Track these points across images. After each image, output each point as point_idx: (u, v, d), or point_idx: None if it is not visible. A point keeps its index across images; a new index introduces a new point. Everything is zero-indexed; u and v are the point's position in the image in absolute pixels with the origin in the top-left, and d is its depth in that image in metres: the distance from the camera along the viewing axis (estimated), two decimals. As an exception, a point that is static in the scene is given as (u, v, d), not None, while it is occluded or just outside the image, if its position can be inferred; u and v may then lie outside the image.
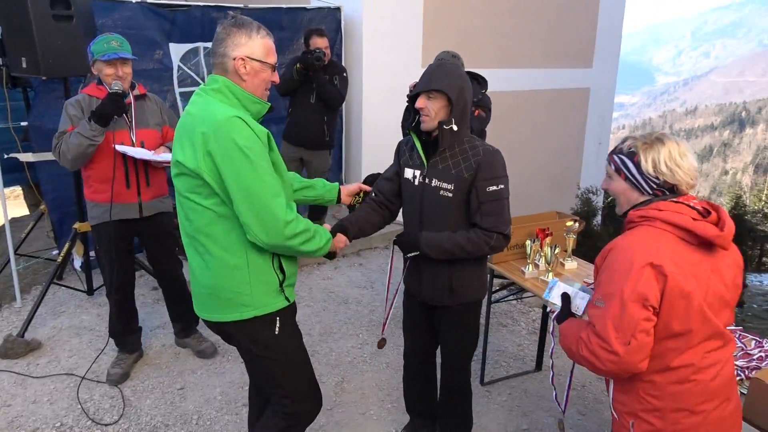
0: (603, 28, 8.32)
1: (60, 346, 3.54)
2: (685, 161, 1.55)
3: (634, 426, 1.59)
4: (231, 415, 2.96)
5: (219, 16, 4.98)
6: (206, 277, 1.86)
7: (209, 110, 1.74)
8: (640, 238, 1.52)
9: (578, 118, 8.61)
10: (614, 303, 1.47)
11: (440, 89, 2.06)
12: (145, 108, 3.04)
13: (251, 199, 1.69)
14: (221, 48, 1.80)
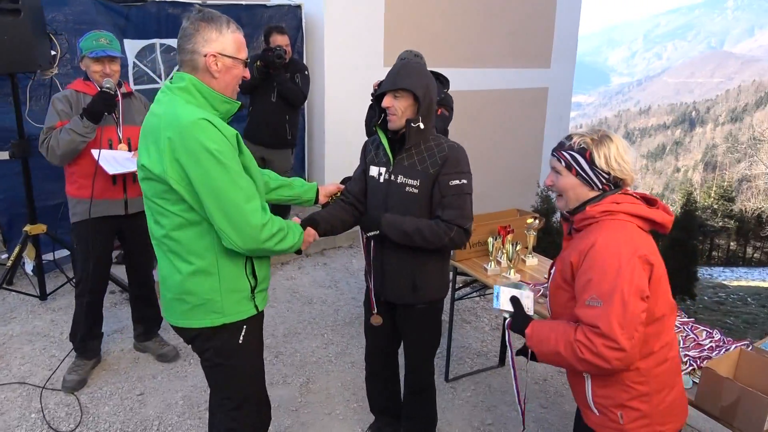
0: (560, 29, 8.50)
1: (11, 354, 3.39)
2: (628, 156, 1.62)
3: (623, 416, 1.59)
4: (194, 419, 2.90)
5: (176, 12, 4.87)
6: (176, 283, 1.79)
7: (175, 112, 1.65)
8: (617, 233, 1.54)
9: (537, 118, 8.78)
10: (615, 301, 1.46)
11: (406, 88, 2.07)
12: (131, 106, 3.03)
13: (224, 205, 1.63)
14: (189, 44, 1.70)
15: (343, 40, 5.89)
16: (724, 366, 1.93)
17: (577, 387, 1.71)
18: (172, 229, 1.74)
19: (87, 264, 3.01)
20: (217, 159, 1.61)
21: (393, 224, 2.12)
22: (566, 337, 1.53)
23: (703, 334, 2.33)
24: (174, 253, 1.77)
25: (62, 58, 3.76)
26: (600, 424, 1.65)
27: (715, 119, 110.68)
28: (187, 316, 1.83)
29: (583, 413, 1.73)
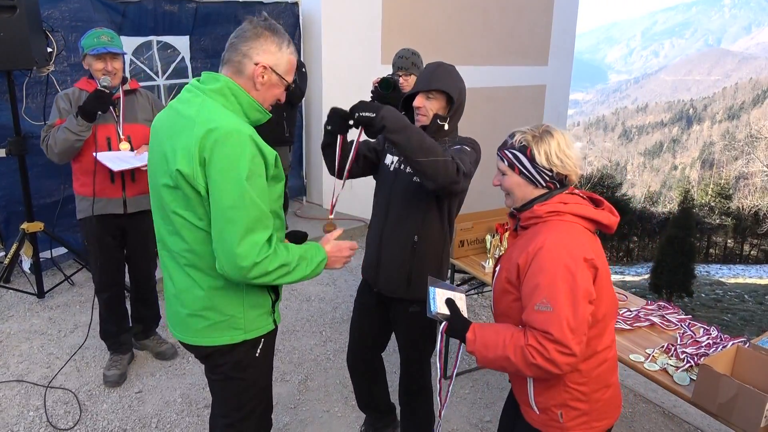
0: (558, 27, 8.50)
1: (9, 352, 3.39)
2: (572, 151, 1.59)
3: (563, 415, 1.62)
4: (192, 417, 2.90)
5: (172, 9, 4.86)
6: (197, 298, 1.70)
7: (211, 117, 1.56)
8: (564, 236, 1.53)
9: (535, 115, 8.78)
10: (565, 305, 1.45)
11: (442, 89, 2.07)
12: (134, 103, 2.99)
13: (223, 225, 1.52)
14: (244, 47, 1.63)
15: (341, 37, 5.88)
16: (722, 363, 1.94)
17: (519, 387, 1.72)
18: (198, 244, 1.64)
19: (98, 261, 3.03)
20: (241, 179, 1.51)
21: (395, 114, 1.89)
22: (515, 341, 1.50)
23: (701, 331, 2.34)
24: (195, 268, 1.68)
25: (58, 56, 3.75)
26: (541, 423, 1.67)
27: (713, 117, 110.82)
28: (205, 334, 1.74)
29: (523, 411, 1.74)
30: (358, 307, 2.51)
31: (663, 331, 2.36)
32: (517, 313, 1.60)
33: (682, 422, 3.09)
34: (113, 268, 3.09)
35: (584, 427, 1.62)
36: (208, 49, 5.17)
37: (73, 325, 3.72)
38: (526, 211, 1.64)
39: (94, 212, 2.91)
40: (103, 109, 2.79)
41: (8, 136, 3.67)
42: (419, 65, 3.39)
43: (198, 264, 1.67)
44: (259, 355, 1.82)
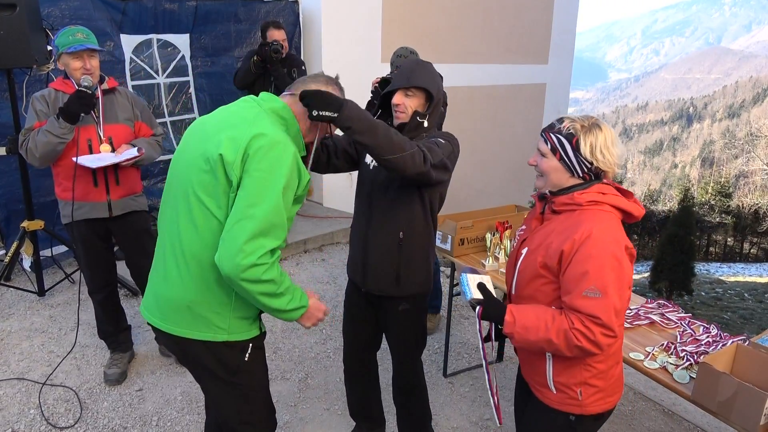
0: (558, 25, 8.50)
1: (9, 350, 3.39)
2: (615, 149, 1.60)
3: (582, 393, 1.67)
4: (192, 415, 2.90)
5: (172, 8, 4.85)
6: (183, 289, 1.70)
7: (266, 126, 1.64)
8: (607, 225, 1.57)
9: (535, 113, 8.78)
10: (613, 292, 1.51)
11: (421, 86, 2.08)
12: (114, 102, 2.89)
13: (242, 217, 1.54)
14: (312, 84, 1.81)
15: (341, 35, 5.88)
16: (721, 361, 1.94)
17: (537, 368, 1.74)
18: (208, 232, 1.65)
19: (88, 264, 3.00)
20: (278, 184, 1.57)
21: (359, 111, 1.82)
22: (558, 325, 1.53)
23: (700, 329, 2.34)
24: (196, 259, 1.68)
25: (59, 54, 3.75)
26: (558, 402, 1.70)
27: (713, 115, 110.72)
28: (185, 325, 1.73)
29: (537, 392, 1.76)
30: (348, 313, 2.48)
31: (663, 329, 2.37)
32: (545, 297, 1.64)
33: (682, 420, 3.09)
34: (103, 270, 3.06)
35: (600, 403, 1.68)
36: (208, 47, 5.16)
37: (73, 323, 3.72)
38: (563, 196, 1.64)
39: (76, 218, 2.85)
40: (86, 110, 2.69)
41: (8, 135, 3.67)
42: None
43: (200, 255, 1.67)
44: (249, 360, 1.80)
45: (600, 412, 1.69)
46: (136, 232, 3.06)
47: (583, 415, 1.68)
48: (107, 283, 3.10)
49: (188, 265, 1.69)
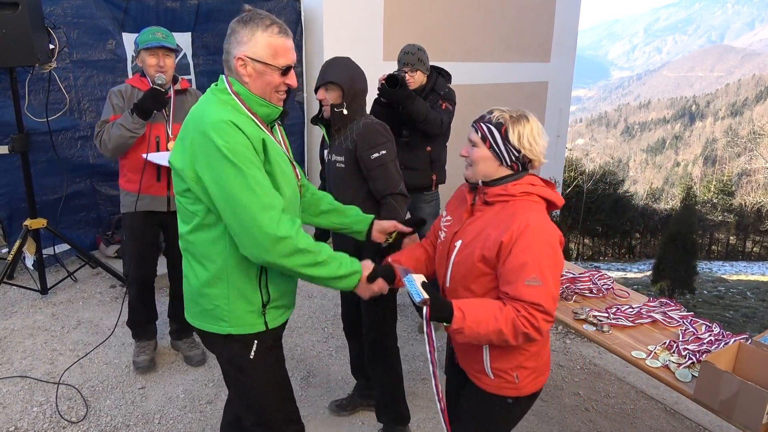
0: (560, 23, 8.48)
1: (12, 348, 3.40)
2: (541, 140, 1.68)
3: (518, 376, 1.74)
4: (195, 413, 2.91)
5: (174, 6, 4.85)
6: (191, 284, 1.77)
7: (203, 111, 1.62)
8: (542, 216, 1.64)
9: (537, 112, 8.65)
10: (550, 280, 1.58)
11: (334, 81, 2.36)
12: (184, 102, 3.01)
13: (238, 210, 1.55)
14: (226, 44, 1.67)
15: (343, 34, 5.87)
16: (723, 359, 1.94)
17: (474, 356, 1.78)
18: (190, 231, 1.71)
19: (135, 256, 3.09)
20: (231, 162, 1.54)
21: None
22: (507, 315, 1.56)
23: (703, 327, 2.34)
24: (191, 254, 1.75)
25: (61, 52, 3.75)
26: (495, 386, 1.76)
27: (715, 113, 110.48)
28: (198, 317, 1.79)
29: (475, 380, 1.81)
30: None
31: (665, 327, 2.37)
32: (482, 288, 1.69)
33: (684, 419, 3.09)
34: (148, 262, 3.15)
35: (534, 383, 1.78)
36: (210, 45, 5.16)
37: (76, 321, 3.73)
38: (496, 187, 1.69)
39: (138, 209, 2.97)
40: (159, 108, 2.83)
41: (11, 133, 3.68)
42: (425, 61, 3.40)
43: (192, 250, 1.74)
44: (255, 358, 1.78)
45: (534, 391, 1.79)
46: None
47: (519, 396, 1.77)
48: (149, 277, 3.18)
49: (188, 261, 1.77)
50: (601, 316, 2.39)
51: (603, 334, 2.29)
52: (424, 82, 3.44)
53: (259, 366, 1.80)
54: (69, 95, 4.26)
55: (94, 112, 4.51)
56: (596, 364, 3.59)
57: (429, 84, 3.46)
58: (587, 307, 2.47)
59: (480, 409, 1.82)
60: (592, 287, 2.67)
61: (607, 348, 2.24)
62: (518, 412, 1.85)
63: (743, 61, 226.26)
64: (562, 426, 2.96)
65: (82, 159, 4.50)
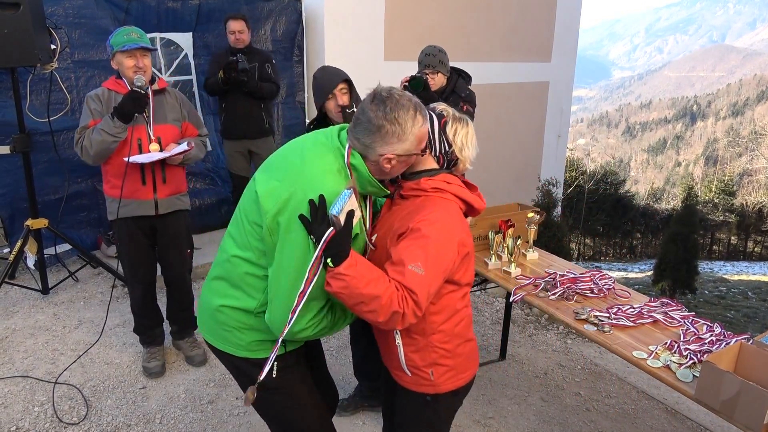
0: (561, 23, 8.47)
1: (14, 348, 3.41)
2: (473, 147, 1.75)
3: (434, 373, 1.75)
4: (196, 413, 2.91)
5: (176, 6, 4.86)
6: (214, 298, 1.73)
7: (318, 174, 1.54)
8: (446, 214, 1.64)
9: (538, 112, 8.76)
10: (431, 274, 1.56)
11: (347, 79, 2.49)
12: (164, 103, 2.96)
13: (291, 296, 1.54)
14: (365, 137, 1.54)
15: (344, 33, 5.88)
16: (725, 360, 1.94)
17: (390, 353, 1.80)
18: (239, 256, 1.66)
19: (130, 260, 3.08)
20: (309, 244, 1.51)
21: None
22: (390, 288, 1.52)
23: (704, 328, 2.33)
24: (229, 273, 1.70)
25: (62, 52, 3.76)
26: (413, 383, 1.78)
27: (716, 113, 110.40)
28: (212, 333, 1.77)
29: (394, 375, 1.83)
30: None
31: (666, 328, 2.36)
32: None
33: (685, 419, 3.09)
34: (144, 266, 3.12)
35: (452, 381, 1.78)
36: (211, 45, 5.17)
37: (77, 321, 3.73)
38: (411, 182, 1.71)
39: (122, 215, 2.92)
40: (140, 110, 2.78)
41: (12, 133, 3.68)
42: (446, 62, 3.36)
43: (231, 270, 1.68)
44: (278, 377, 1.73)
45: (454, 388, 1.79)
46: (176, 229, 3.12)
47: (438, 393, 1.77)
48: (146, 280, 3.16)
49: (225, 271, 1.72)
50: (602, 316, 2.39)
51: (604, 334, 2.29)
52: (444, 84, 3.41)
53: (282, 385, 1.77)
54: (70, 95, 4.27)
55: (95, 112, 4.52)
56: (597, 364, 3.59)
57: (449, 86, 3.43)
58: (588, 307, 2.47)
59: (405, 407, 1.86)
60: (593, 287, 2.67)
61: (608, 348, 2.24)
62: (442, 411, 1.84)
63: (744, 60, 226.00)
64: (563, 426, 2.96)
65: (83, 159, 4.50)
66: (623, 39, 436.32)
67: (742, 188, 40.00)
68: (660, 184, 58.72)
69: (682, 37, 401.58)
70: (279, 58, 5.62)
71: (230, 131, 4.60)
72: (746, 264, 25.10)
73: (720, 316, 13.47)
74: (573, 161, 25.26)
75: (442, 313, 1.71)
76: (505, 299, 3.85)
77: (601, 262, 24.31)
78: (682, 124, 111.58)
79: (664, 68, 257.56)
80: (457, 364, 1.77)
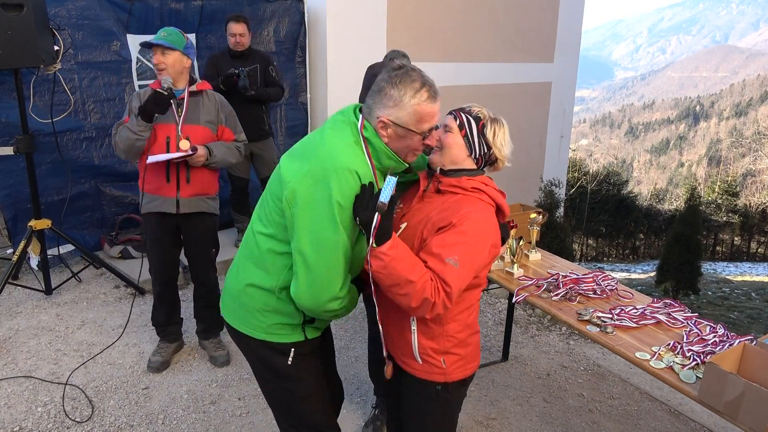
0: (563, 23, 8.47)
1: (17, 348, 3.42)
2: (509, 145, 1.78)
3: (446, 361, 1.79)
4: (198, 413, 2.91)
5: (178, 7, 4.87)
6: (242, 277, 1.76)
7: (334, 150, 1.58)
8: (486, 215, 1.69)
9: (541, 112, 8.76)
10: (466, 270, 1.61)
11: None
12: (199, 104, 2.98)
13: (317, 262, 1.56)
14: (370, 99, 1.63)
15: (346, 34, 5.88)
16: (728, 361, 1.93)
17: (403, 339, 1.81)
18: (263, 233, 1.69)
19: (152, 255, 3.15)
20: (335, 220, 1.53)
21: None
22: (425, 274, 1.57)
23: (707, 329, 2.33)
24: (252, 251, 1.73)
25: (65, 54, 3.77)
26: (423, 371, 1.80)
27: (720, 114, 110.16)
28: (234, 314, 1.80)
29: (402, 364, 1.84)
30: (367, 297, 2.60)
31: (669, 328, 2.36)
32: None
33: (689, 420, 3.08)
34: (164, 264, 3.16)
35: (462, 370, 1.83)
36: (214, 46, 5.17)
37: (80, 321, 3.74)
38: (452, 178, 1.75)
39: (146, 209, 3.02)
40: (161, 111, 2.82)
41: (16, 134, 3.69)
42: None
43: (255, 248, 1.72)
44: (293, 365, 1.77)
45: (463, 377, 1.84)
46: (201, 233, 3.14)
47: (447, 382, 1.81)
48: (168, 279, 3.20)
49: (246, 256, 1.76)
50: (605, 317, 2.39)
51: (607, 335, 2.28)
52: None
53: (296, 373, 1.79)
54: (74, 96, 4.28)
55: (98, 114, 4.53)
56: (600, 365, 3.58)
57: None
58: (591, 308, 2.46)
59: (415, 397, 1.87)
60: (596, 288, 2.67)
61: (610, 349, 2.24)
62: (452, 400, 1.88)
63: (748, 61, 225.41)
64: (566, 427, 2.96)
65: (86, 160, 4.51)
66: (626, 39, 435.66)
67: (745, 189, 39.89)
68: (663, 184, 58.60)
69: (685, 38, 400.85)
70: (282, 59, 5.62)
71: None
72: (750, 265, 25.02)
73: (723, 317, 13.43)
74: (576, 162, 25.21)
75: (459, 304, 1.75)
76: (507, 300, 3.85)
77: (603, 263, 24.25)
78: (685, 125, 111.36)
79: (667, 69, 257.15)
80: (467, 354, 1.82)
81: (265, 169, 4.80)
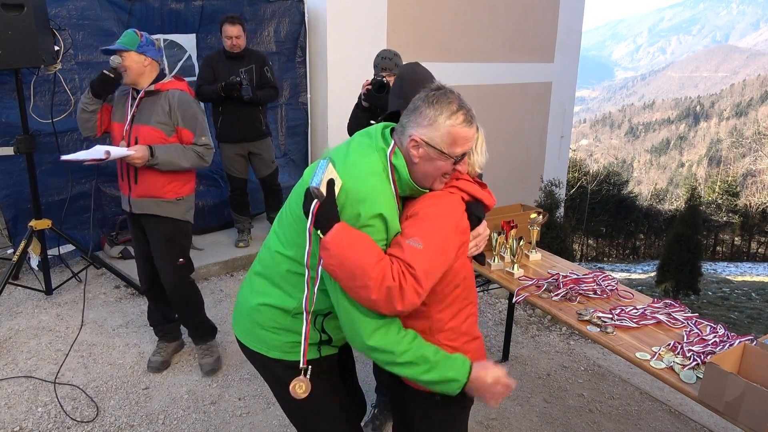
0: (563, 23, 8.47)
1: (17, 348, 3.42)
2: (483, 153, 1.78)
3: None
4: (198, 413, 2.91)
5: (179, 8, 4.87)
6: (253, 295, 1.71)
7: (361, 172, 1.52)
8: (445, 199, 1.63)
9: (541, 112, 8.75)
10: (431, 250, 1.51)
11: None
12: (154, 104, 2.87)
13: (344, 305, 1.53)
14: (405, 118, 1.58)
15: (346, 34, 5.88)
16: (728, 361, 1.93)
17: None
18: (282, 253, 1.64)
19: (135, 256, 3.19)
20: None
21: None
22: (382, 261, 1.48)
23: (707, 329, 2.33)
24: (269, 270, 1.68)
25: (66, 54, 3.76)
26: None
27: (720, 114, 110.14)
28: (248, 336, 1.75)
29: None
30: None
31: (669, 329, 2.36)
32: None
33: (689, 420, 3.08)
34: (140, 260, 3.16)
35: None
36: (215, 47, 5.17)
37: (80, 321, 3.74)
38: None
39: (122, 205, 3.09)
40: (104, 90, 2.88)
41: (16, 134, 3.69)
42: (399, 65, 3.46)
43: (274, 267, 1.66)
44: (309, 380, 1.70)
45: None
46: (157, 237, 3.03)
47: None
48: (147, 275, 3.16)
49: (266, 267, 1.70)
50: (605, 317, 2.39)
51: (607, 336, 2.28)
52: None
53: (315, 391, 1.72)
54: (74, 97, 4.28)
55: (98, 114, 4.53)
56: (600, 365, 3.58)
57: None
58: (591, 308, 2.46)
59: (417, 410, 1.84)
60: (596, 288, 2.67)
61: (611, 349, 2.24)
62: (455, 410, 1.81)
63: (748, 61, 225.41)
64: (566, 427, 2.96)
65: (86, 160, 4.51)
66: (626, 39, 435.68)
67: (745, 189, 39.90)
68: (663, 184, 58.61)
69: (685, 38, 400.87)
70: (282, 59, 5.62)
71: (229, 135, 4.60)
72: (750, 265, 25.03)
73: (723, 317, 13.43)
74: (576, 162, 25.23)
75: (447, 311, 1.69)
76: (507, 300, 3.85)
77: (604, 263, 24.26)
78: (686, 125, 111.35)
79: (667, 69, 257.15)
80: None
81: (264, 169, 4.80)
